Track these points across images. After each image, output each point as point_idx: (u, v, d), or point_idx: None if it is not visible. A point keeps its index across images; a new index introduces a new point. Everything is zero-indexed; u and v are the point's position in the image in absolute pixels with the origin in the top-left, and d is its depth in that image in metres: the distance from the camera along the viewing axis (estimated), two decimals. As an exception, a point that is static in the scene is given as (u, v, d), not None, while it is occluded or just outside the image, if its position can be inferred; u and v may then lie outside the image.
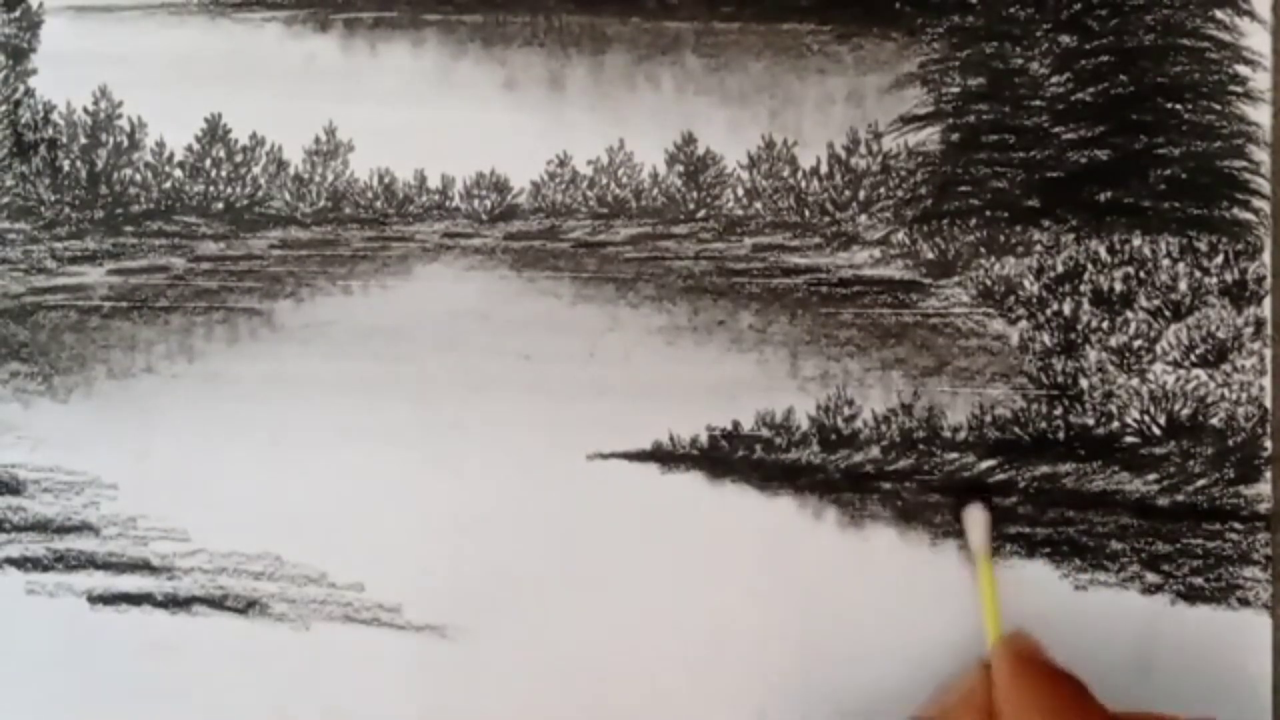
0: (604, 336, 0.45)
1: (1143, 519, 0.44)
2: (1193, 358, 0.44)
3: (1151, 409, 0.44)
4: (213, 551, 0.44)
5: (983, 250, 0.45)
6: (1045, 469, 0.44)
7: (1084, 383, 0.44)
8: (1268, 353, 0.44)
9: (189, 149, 0.46)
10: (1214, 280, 0.45)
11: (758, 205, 0.45)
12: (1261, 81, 0.45)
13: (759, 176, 0.45)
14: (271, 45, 0.46)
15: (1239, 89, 0.45)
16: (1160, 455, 0.44)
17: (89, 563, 0.44)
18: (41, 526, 0.45)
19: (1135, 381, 0.44)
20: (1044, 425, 0.44)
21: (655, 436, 0.44)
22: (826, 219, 0.45)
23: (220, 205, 0.46)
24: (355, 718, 0.44)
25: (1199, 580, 0.43)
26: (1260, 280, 0.44)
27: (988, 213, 0.45)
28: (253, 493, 0.44)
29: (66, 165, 0.46)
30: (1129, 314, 0.45)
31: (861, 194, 0.45)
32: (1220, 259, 0.45)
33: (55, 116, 0.46)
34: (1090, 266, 0.45)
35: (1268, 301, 0.44)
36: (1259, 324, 0.44)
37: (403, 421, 0.44)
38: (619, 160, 0.45)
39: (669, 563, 0.43)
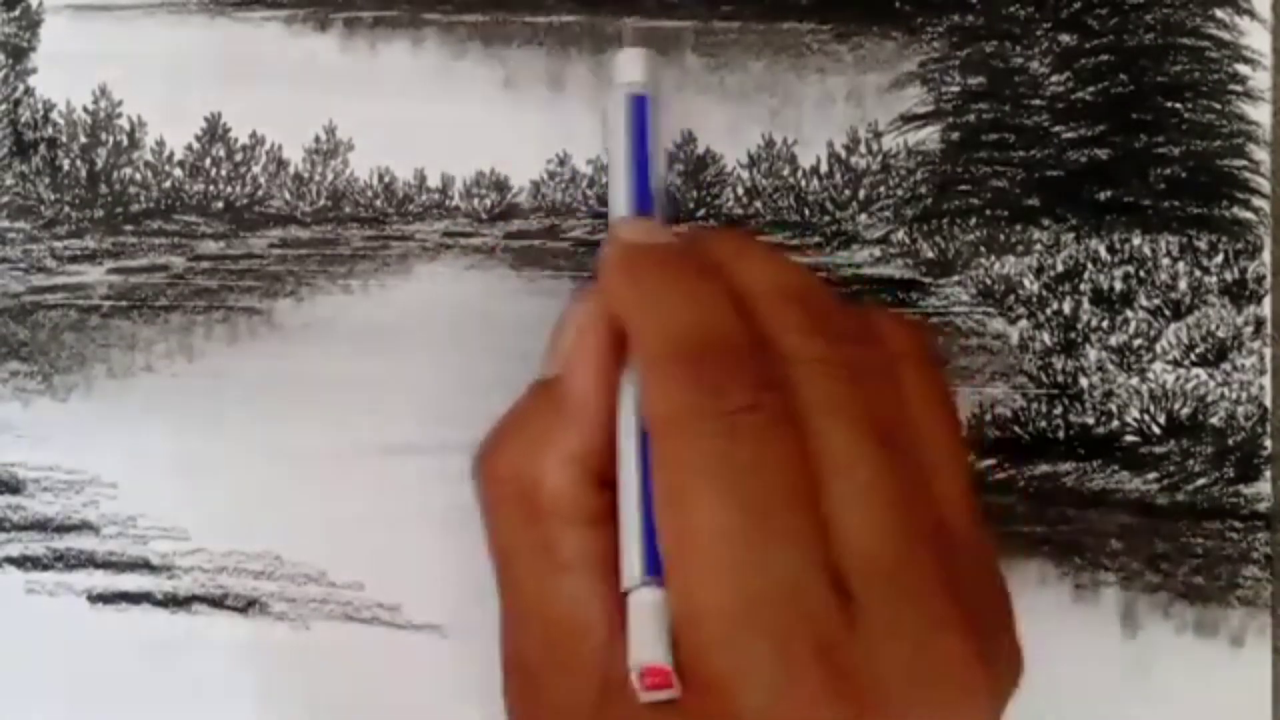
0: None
1: (1143, 518, 0.44)
2: (1193, 357, 0.44)
3: (1151, 408, 0.44)
4: (213, 551, 0.44)
5: (983, 249, 0.45)
6: (1045, 468, 0.44)
7: (1084, 382, 0.44)
8: (1268, 352, 0.44)
9: (189, 148, 0.46)
10: (1214, 279, 0.45)
11: (758, 204, 0.45)
12: (1261, 81, 0.45)
13: (759, 175, 0.45)
14: (271, 45, 0.46)
15: (1239, 88, 0.45)
16: (1160, 454, 0.44)
17: (89, 562, 0.44)
18: (41, 526, 0.44)
19: (1135, 381, 0.44)
20: (1044, 424, 0.44)
21: (655, 436, 0.44)
22: (826, 218, 0.45)
23: (220, 204, 0.46)
24: (355, 717, 0.44)
25: (1199, 580, 0.43)
26: (1260, 279, 0.44)
27: (988, 212, 0.45)
28: (253, 493, 0.44)
29: (66, 164, 0.46)
30: (1129, 313, 0.45)
31: (861, 193, 0.45)
32: (1220, 258, 0.45)
33: (55, 115, 0.46)
34: (1090, 265, 0.45)
35: (1268, 301, 0.44)
36: (1259, 323, 0.44)
37: (402, 420, 0.44)
38: (619, 159, 0.45)
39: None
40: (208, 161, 0.46)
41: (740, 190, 0.45)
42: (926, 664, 0.29)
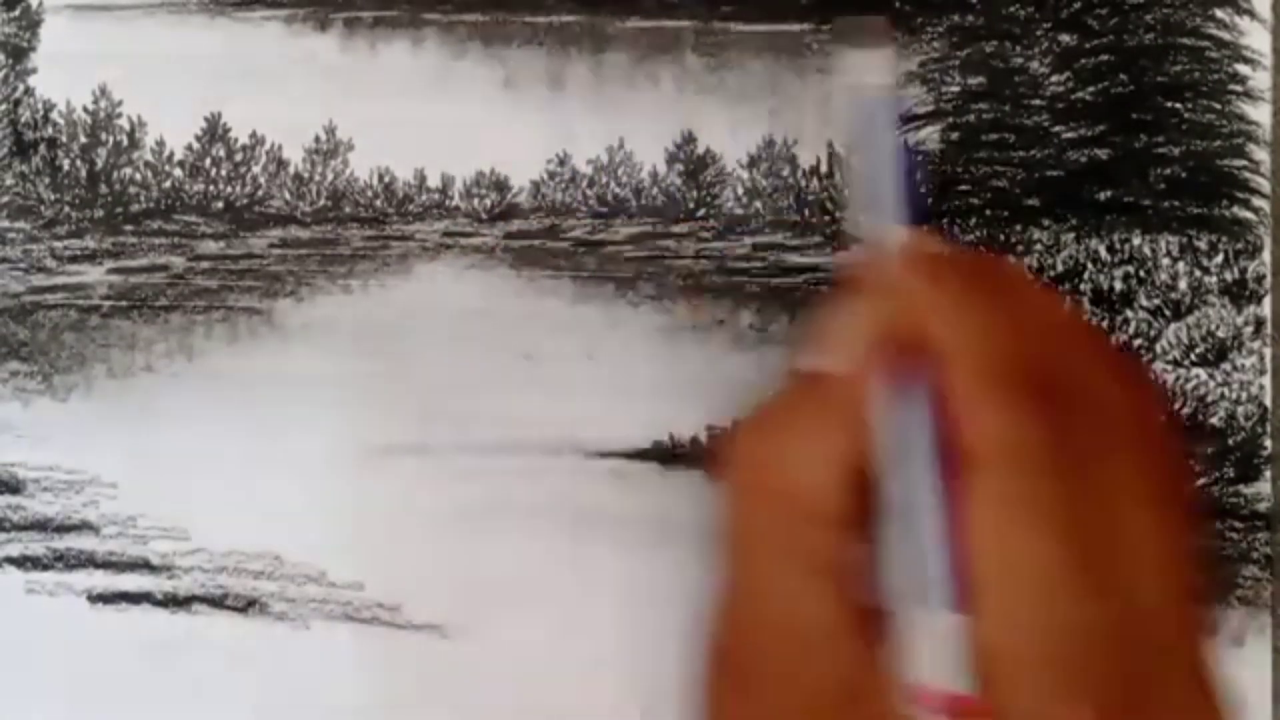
0: (604, 336, 0.45)
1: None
2: (1193, 357, 0.44)
3: (1151, 408, 0.44)
4: (213, 551, 0.44)
5: (983, 249, 0.45)
6: (1045, 468, 0.44)
7: (1084, 382, 0.44)
8: (1268, 352, 0.44)
9: (189, 148, 0.46)
10: (1214, 279, 0.45)
11: (758, 204, 0.45)
12: (1261, 81, 0.45)
13: (759, 175, 0.45)
14: (271, 45, 0.46)
15: (1239, 88, 0.45)
16: (1160, 454, 0.44)
17: (89, 562, 0.44)
18: (41, 525, 0.44)
19: (1135, 380, 0.44)
20: (1044, 424, 0.44)
21: (655, 436, 0.44)
22: (826, 218, 0.45)
23: (220, 204, 0.46)
24: (355, 717, 0.44)
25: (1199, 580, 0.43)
26: (1260, 279, 0.44)
27: (988, 212, 0.45)
28: (253, 492, 0.44)
29: (66, 164, 0.46)
30: (1129, 313, 0.45)
31: (861, 193, 0.45)
32: (1220, 258, 0.45)
33: (55, 115, 0.46)
34: (1090, 265, 0.45)
35: (1268, 300, 0.44)
36: (1259, 323, 0.44)
37: (402, 420, 0.44)
38: (619, 159, 0.45)
39: (670, 562, 0.43)
40: (208, 161, 0.46)
41: (740, 190, 0.45)
42: None
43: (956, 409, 0.30)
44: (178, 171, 0.46)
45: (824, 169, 0.45)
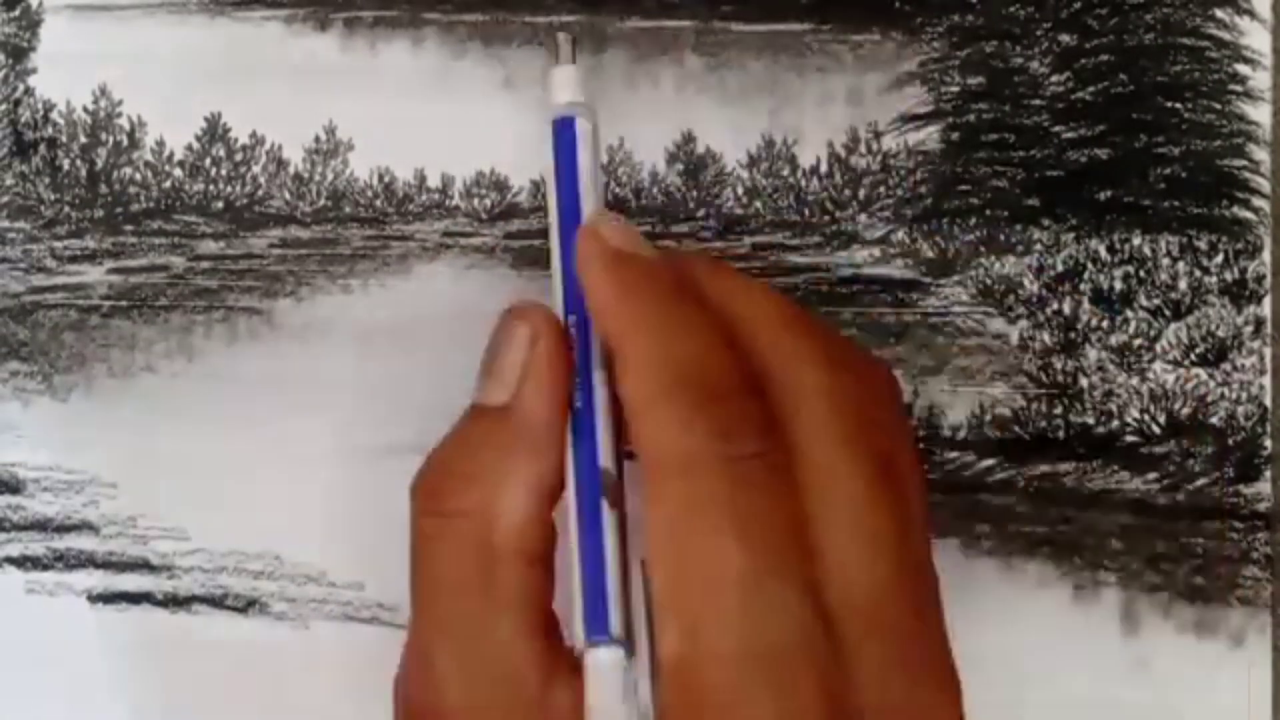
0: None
1: (1143, 518, 0.44)
2: (1192, 357, 0.44)
3: (1151, 408, 0.44)
4: (212, 551, 0.44)
5: (982, 249, 0.45)
6: (1045, 468, 0.44)
7: (1084, 382, 0.44)
8: (1268, 352, 0.44)
9: (189, 148, 0.46)
10: (1214, 279, 0.45)
11: (758, 204, 0.45)
12: (1261, 80, 0.45)
13: (759, 175, 0.45)
14: (271, 45, 0.46)
15: (1239, 88, 0.45)
16: (1160, 454, 0.44)
17: (89, 562, 0.44)
18: (41, 525, 0.45)
19: (1135, 380, 0.44)
20: (1044, 424, 0.44)
21: (655, 436, 0.44)
22: (826, 218, 0.45)
23: (220, 204, 0.46)
24: (355, 717, 0.44)
25: (1199, 580, 0.43)
26: (1260, 279, 0.44)
27: (988, 212, 0.45)
28: (253, 492, 0.44)
29: (66, 164, 0.46)
30: (1129, 313, 0.45)
31: (861, 193, 0.45)
32: (1220, 258, 0.45)
33: (55, 115, 0.46)
34: (1090, 265, 0.45)
35: (1268, 300, 0.44)
36: (1259, 323, 0.44)
37: (402, 420, 0.44)
38: (619, 159, 0.45)
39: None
40: (208, 161, 0.46)
41: (740, 190, 0.45)
42: (915, 708, 0.29)
43: (628, 420, 0.30)
44: (178, 171, 0.46)
45: (824, 169, 0.45)
